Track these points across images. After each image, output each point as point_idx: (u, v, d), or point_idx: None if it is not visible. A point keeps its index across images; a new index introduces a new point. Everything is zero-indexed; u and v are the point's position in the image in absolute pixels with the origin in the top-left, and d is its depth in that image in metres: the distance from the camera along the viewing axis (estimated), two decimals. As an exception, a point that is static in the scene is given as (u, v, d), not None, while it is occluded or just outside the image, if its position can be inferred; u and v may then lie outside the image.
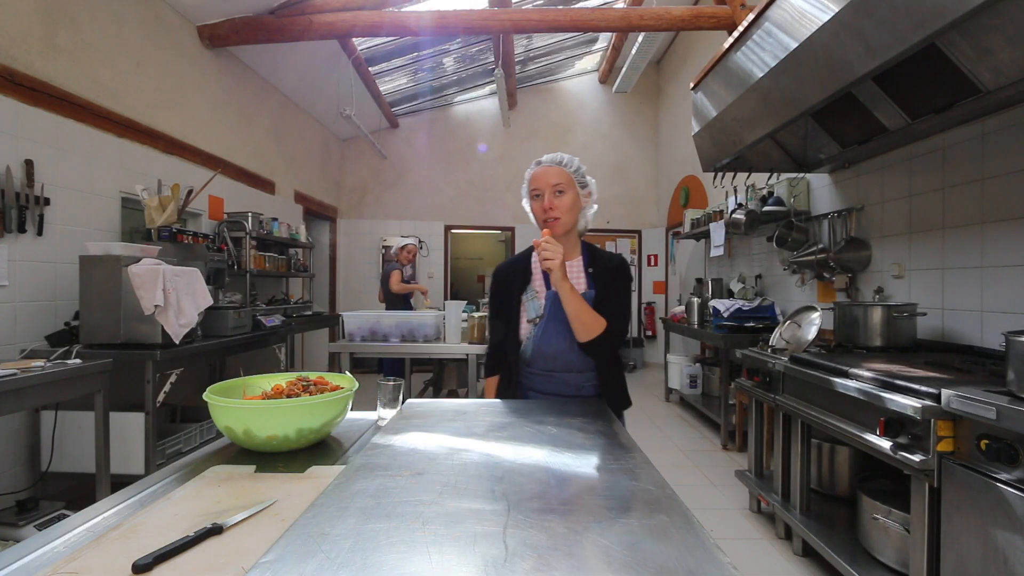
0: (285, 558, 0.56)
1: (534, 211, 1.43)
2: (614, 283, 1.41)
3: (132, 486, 0.89)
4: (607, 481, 0.79)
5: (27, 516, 2.21)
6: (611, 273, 1.42)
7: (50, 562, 0.64)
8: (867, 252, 2.88)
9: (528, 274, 1.47)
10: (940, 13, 1.34)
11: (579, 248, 1.47)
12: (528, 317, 1.42)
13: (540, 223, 1.40)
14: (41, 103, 2.57)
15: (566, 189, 1.37)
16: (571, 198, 1.38)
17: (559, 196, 1.37)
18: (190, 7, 3.60)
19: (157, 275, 2.44)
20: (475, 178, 7.22)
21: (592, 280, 1.42)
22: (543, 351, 1.41)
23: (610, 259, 1.46)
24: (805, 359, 2.12)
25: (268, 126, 4.97)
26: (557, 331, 1.37)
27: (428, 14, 4.02)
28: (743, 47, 2.26)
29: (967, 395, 1.36)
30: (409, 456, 0.89)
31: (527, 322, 1.42)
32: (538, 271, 1.46)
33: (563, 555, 0.56)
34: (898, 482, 1.99)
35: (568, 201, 1.37)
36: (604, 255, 1.47)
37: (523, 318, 1.43)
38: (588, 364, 1.41)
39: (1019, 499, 1.24)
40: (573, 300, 1.30)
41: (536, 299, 1.42)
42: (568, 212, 1.37)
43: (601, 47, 6.75)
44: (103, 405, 2.28)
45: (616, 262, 1.45)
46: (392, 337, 3.74)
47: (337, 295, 6.92)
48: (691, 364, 4.74)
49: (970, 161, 2.22)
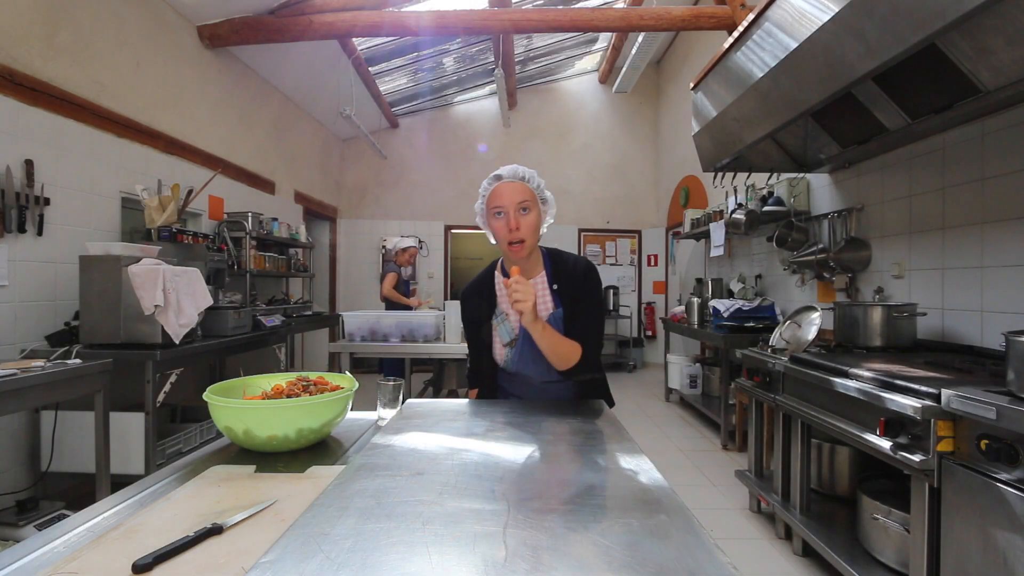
0: (285, 558, 0.56)
1: (495, 230, 1.31)
2: (582, 297, 1.35)
3: (132, 486, 0.89)
4: (607, 481, 0.79)
5: (27, 516, 2.21)
6: (578, 284, 1.36)
7: (50, 562, 0.64)
8: (867, 252, 2.88)
9: (493, 297, 1.41)
10: (940, 13, 1.34)
11: (541, 262, 1.39)
12: (503, 341, 1.38)
13: (503, 244, 1.30)
14: (41, 103, 2.57)
15: (531, 206, 1.28)
16: (535, 216, 1.29)
17: (524, 214, 1.28)
18: (190, 7, 3.60)
19: (157, 275, 2.44)
20: (475, 178, 7.20)
21: (558, 297, 1.36)
22: (522, 372, 1.40)
23: (575, 267, 1.38)
24: (805, 359, 2.12)
25: (268, 126, 4.97)
26: (533, 355, 1.33)
27: (428, 14, 4.02)
28: (743, 47, 2.26)
29: (967, 395, 1.36)
30: (409, 456, 0.89)
31: (503, 346, 1.38)
32: (503, 293, 1.40)
33: (563, 555, 0.56)
34: (898, 482, 2.00)
35: (533, 220, 1.28)
36: (568, 263, 1.39)
37: (497, 342, 1.39)
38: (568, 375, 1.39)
39: (1019, 499, 1.24)
40: (545, 337, 1.24)
41: (507, 321, 1.37)
42: (534, 233, 1.29)
43: (601, 47, 6.75)
44: (103, 405, 2.28)
45: (582, 268, 1.38)
46: (392, 337, 3.74)
47: (337, 295, 6.92)
48: (691, 364, 4.74)
49: (970, 161, 2.22)
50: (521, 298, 1.17)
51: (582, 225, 7.43)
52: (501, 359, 1.41)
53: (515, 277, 1.20)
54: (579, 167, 7.44)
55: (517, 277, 1.20)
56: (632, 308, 7.40)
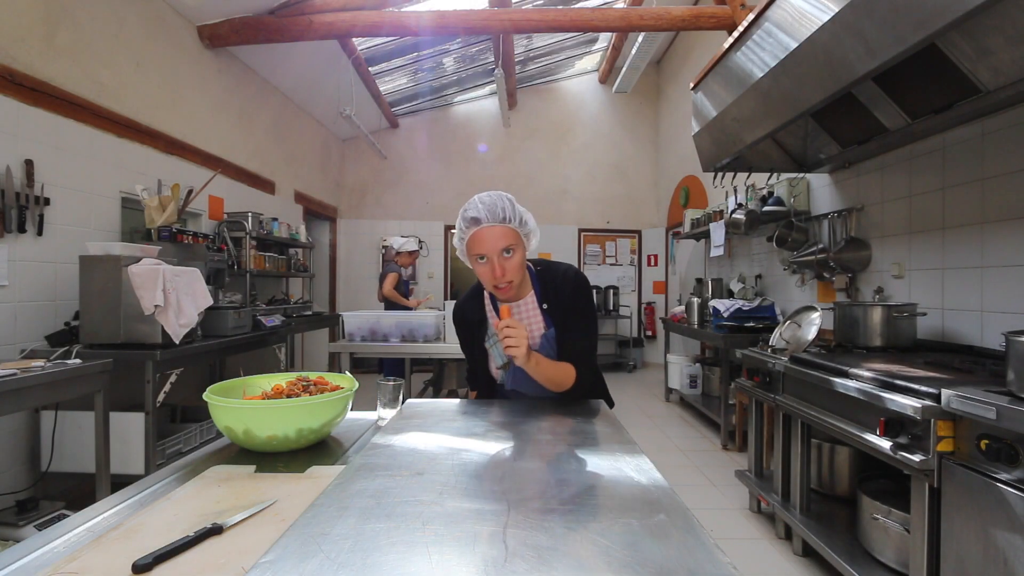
0: (285, 558, 0.56)
1: (480, 274, 1.27)
2: (573, 312, 1.33)
3: (132, 486, 0.89)
4: (607, 481, 0.79)
5: (27, 516, 2.20)
6: (567, 300, 1.33)
7: (50, 562, 0.64)
8: (867, 252, 2.88)
9: (485, 322, 1.39)
10: (940, 13, 1.34)
11: (529, 282, 1.36)
12: (496, 364, 1.37)
13: (489, 287, 1.28)
14: (41, 103, 2.57)
15: (515, 247, 1.23)
16: (520, 255, 1.24)
17: (508, 257, 1.22)
18: (190, 7, 3.60)
19: (157, 275, 2.44)
20: (475, 178, 7.22)
21: (548, 316, 1.34)
22: (518, 390, 1.40)
23: (564, 281, 1.34)
24: (805, 359, 2.12)
25: (268, 126, 4.97)
26: (528, 378, 1.30)
27: (428, 14, 4.02)
28: (743, 47, 2.26)
29: (967, 395, 1.36)
30: (409, 456, 0.89)
31: (496, 368, 1.38)
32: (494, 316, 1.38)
33: (563, 555, 0.56)
34: (898, 482, 2.00)
35: (518, 260, 1.24)
36: (557, 277, 1.35)
37: (491, 362, 1.40)
38: None
39: (1019, 499, 1.24)
40: (540, 371, 1.23)
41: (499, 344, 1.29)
42: (519, 270, 1.25)
43: (601, 47, 6.75)
44: (103, 405, 2.28)
45: (571, 282, 1.34)
46: (392, 337, 3.74)
47: (337, 295, 6.92)
48: (691, 364, 4.74)
49: (970, 161, 2.22)
50: (514, 344, 1.15)
51: (582, 225, 7.43)
52: (497, 378, 1.42)
53: (506, 321, 1.17)
54: (579, 167, 7.44)
55: (508, 321, 1.17)
56: (632, 308, 7.40)
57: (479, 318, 1.41)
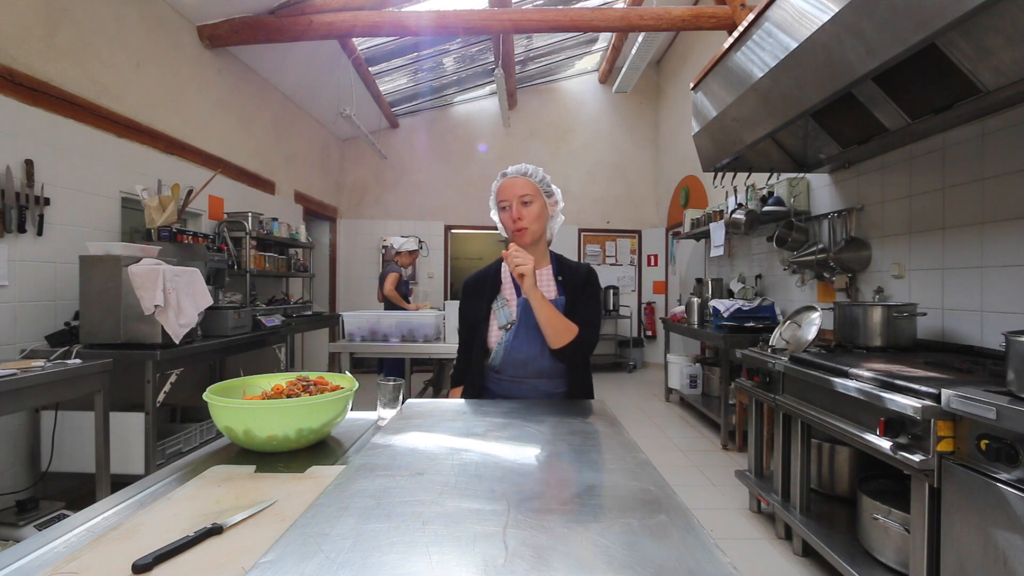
0: (285, 558, 0.56)
1: (503, 221, 1.46)
2: (584, 291, 1.44)
3: (132, 486, 0.89)
4: (607, 481, 0.79)
5: (27, 516, 2.20)
6: (580, 281, 1.46)
7: (50, 562, 0.64)
8: (867, 252, 2.88)
9: (498, 284, 1.49)
10: (940, 13, 1.34)
11: (548, 257, 1.51)
12: (500, 324, 1.44)
13: (509, 233, 1.44)
14: (41, 103, 2.57)
15: (532, 199, 1.41)
16: (538, 207, 1.41)
17: (526, 206, 1.40)
18: (190, 7, 3.60)
19: (157, 275, 2.44)
20: (475, 178, 7.22)
21: (562, 287, 1.46)
22: (514, 357, 1.42)
23: (578, 268, 1.49)
24: (805, 359, 2.12)
25: (268, 126, 4.97)
26: (529, 337, 1.40)
27: (428, 14, 4.02)
28: (743, 47, 2.26)
29: (967, 395, 1.36)
30: (409, 456, 0.89)
31: (499, 328, 1.44)
32: (508, 281, 1.50)
33: (563, 555, 0.56)
34: (898, 482, 2.00)
35: (535, 211, 1.41)
36: (572, 264, 1.51)
37: (493, 325, 1.45)
38: (558, 370, 1.43)
39: (1019, 499, 1.24)
40: (544, 307, 1.33)
41: (507, 306, 1.45)
42: (535, 221, 1.41)
43: (601, 47, 6.75)
44: (103, 405, 2.28)
45: (584, 272, 1.48)
46: (392, 337, 3.74)
47: (337, 295, 6.92)
48: (691, 364, 4.74)
49: (970, 161, 2.22)
50: (522, 262, 1.28)
51: (582, 225, 7.43)
52: (495, 343, 1.44)
53: (514, 247, 1.32)
54: (579, 167, 7.44)
55: (515, 247, 1.32)
56: (632, 308, 7.40)
57: (493, 278, 1.51)
